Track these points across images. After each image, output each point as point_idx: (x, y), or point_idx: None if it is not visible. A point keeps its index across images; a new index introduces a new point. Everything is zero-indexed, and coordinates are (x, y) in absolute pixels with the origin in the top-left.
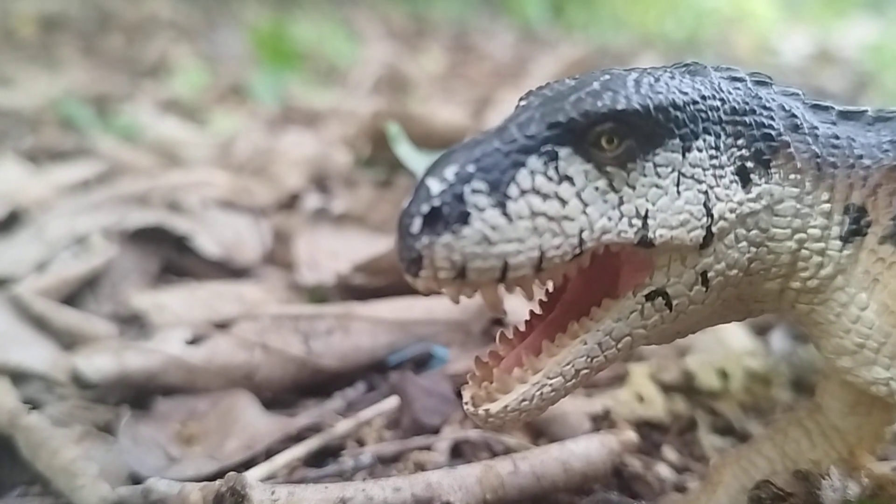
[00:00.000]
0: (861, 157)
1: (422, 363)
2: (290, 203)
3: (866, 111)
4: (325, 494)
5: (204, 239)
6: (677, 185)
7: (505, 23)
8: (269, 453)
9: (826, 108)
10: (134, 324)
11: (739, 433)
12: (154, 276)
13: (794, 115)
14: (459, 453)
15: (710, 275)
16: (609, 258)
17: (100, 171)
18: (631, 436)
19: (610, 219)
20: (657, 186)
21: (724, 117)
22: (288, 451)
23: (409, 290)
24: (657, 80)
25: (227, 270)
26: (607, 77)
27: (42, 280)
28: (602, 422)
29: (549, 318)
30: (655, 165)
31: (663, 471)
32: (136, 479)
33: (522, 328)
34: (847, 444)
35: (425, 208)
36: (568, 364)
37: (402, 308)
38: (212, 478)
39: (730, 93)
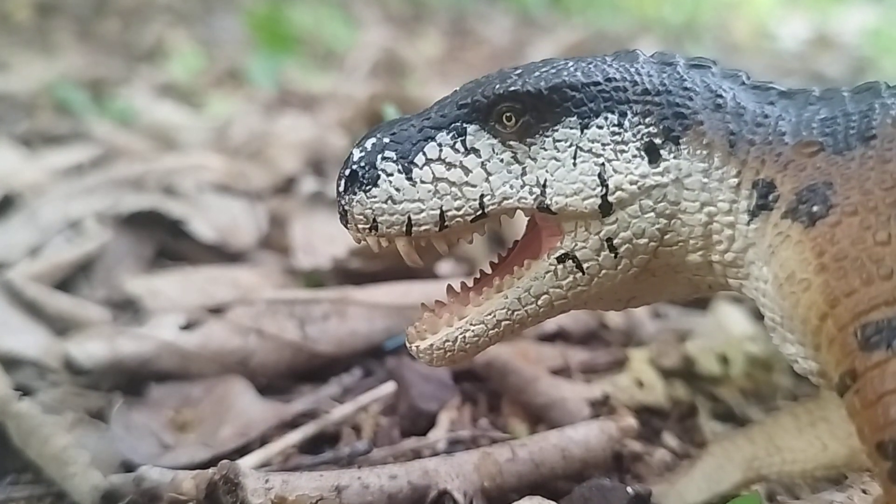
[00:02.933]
0: (784, 134)
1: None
2: (286, 187)
3: (812, 91)
4: (320, 482)
5: (199, 223)
6: (574, 157)
7: (503, 7)
8: (263, 440)
9: (767, 89)
10: (128, 309)
11: (740, 419)
12: (148, 261)
13: (719, 96)
14: (457, 440)
15: (615, 241)
16: (537, 228)
17: (94, 156)
18: (631, 422)
19: (511, 187)
20: (556, 159)
21: (632, 97)
22: (283, 438)
23: (406, 275)
24: (571, 65)
25: (223, 255)
26: (533, 65)
27: (35, 265)
28: (601, 408)
29: (486, 277)
30: (554, 140)
31: (663, 456)
32: (128, 467)
33: (470, 284)
34: (834, 436)
35: (347, 171)
36: (490, 314)
37: (398, 293)
38: (206, 465)
39: (649, 75)
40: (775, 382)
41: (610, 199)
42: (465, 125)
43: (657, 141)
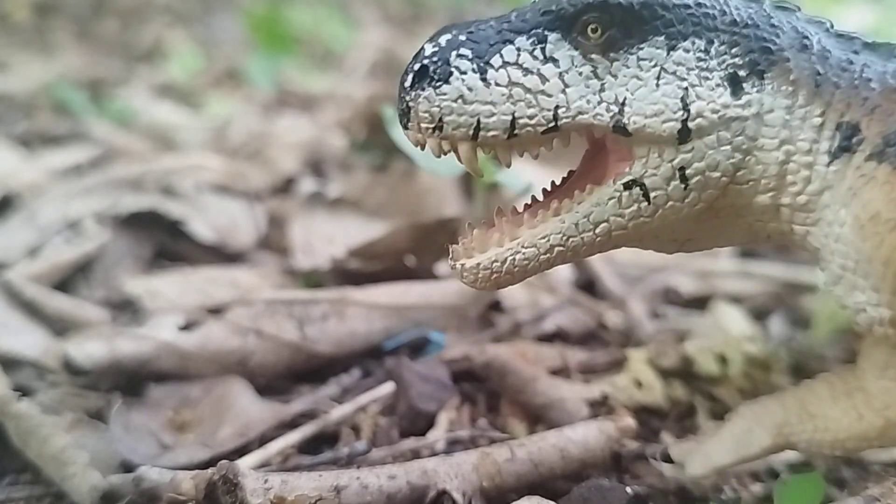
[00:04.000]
0: (870, 80)
1: (418, 348)
2: (285, 187)
3: (895, 45)
4: (319, 483)
5: (198, 224)
6: (657, 78)
7: (500, 7)
8: (262, 440)
9: (851, 38)
10: (127, 309)
11: None
12: (147, 262)
13: (806, 37)
14: (456, 440)
15: (688, 172)
16: (603, 152)
17: (93, 156)
18: (629, 422)
19: (588, 101)
20: (637, 78)
21: (720, 26)
22: (282, 438)
23: (405, 275)
24: None
25: (221, 255)
26: None
27: (34, 265)
28: (600, 408)
29: (541, 202)
30: (639, 59)
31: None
32: (127, 467)
33: (521, 210)
34: (871, 407)
35: (416, 66)
36: (543, 238)
37: (397, 293)
38: (205, 465)
39: (737, 8)
40: (774, 382)
41: (690, 124)
42: (546, 32)
43: (742, 73)
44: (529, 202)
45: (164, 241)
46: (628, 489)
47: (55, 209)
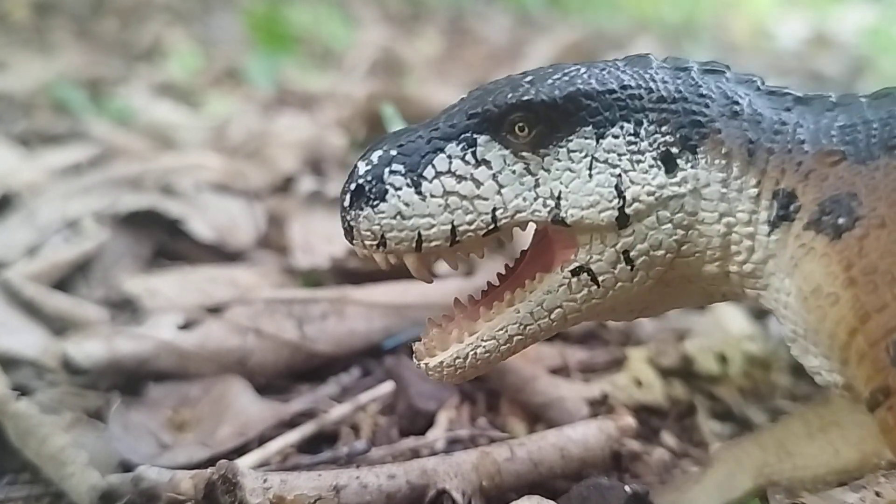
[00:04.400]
0: (803, 142)
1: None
2: (285, 186)
3: (829, 97)
4: (319, 482)
5: (197, 223)
6: (590, 168)
7: (501, 6)
8: (262, 440)
9: (783, 95)
10: (126, 309)
11: (739, 418)
12: (146, 261)
13: (735, 103)
14: (455, 439)
15: (632, 254)
16: (548, 239)
17: (92, 155)
18: (629, 421)
19: (525, 199)
20: (570, 170)
21: (647, 105)
22: (281, 438)
23: (405, 274)
24: (584, 72)
25: (221, 254)
26: (543, 71)
27: (33, 265)
28: (600, 407)
29: (495, 290)
30: (569, 151)
31: (662, 456)
32: (126, 467)
33: (478, 297)
34: (847, 441)
35: (353, 186)
36: (501, 329)
37: (397, 292)
38: (204, 465)
39: (664, 82)
40: (774, 381)
41: (627, 210)
42: (475, 136)
43: (674, 150)
44: (486, 289)
45: (163, 240)
46: (627, 488)
47: (54, 208)
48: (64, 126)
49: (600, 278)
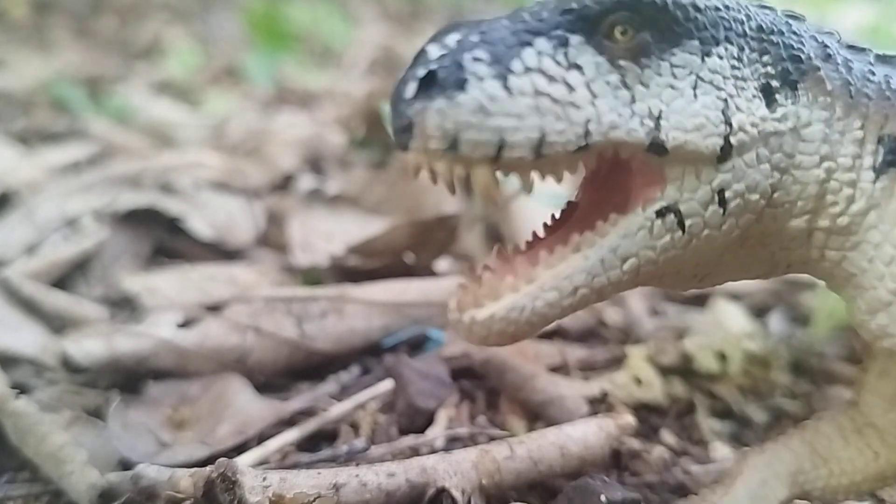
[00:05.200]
0: None
1: (417, 346)
2: (284, 184)
3: None
4: (318, 480)
5: (196, 221)
6: (694, 87)
7: (500, 4)
8: (261, 438)
9: (863, 50)
10: (125, 307)
11: (738, 416)
12: (145, 259)
13: (826, 46)
14: (455, 437)
15: (727, 194)
16: (621, 172)
17: (91, 153)
18: (629, 419)
19: (620, 115)
20: (672, 87)
21: (748, 31)
22: (281, 436)
23: (405, 272)
24: None
25: (220, 252)
26: None
27: (32, 263)
28: (600, 405)
29: (554, 234)
30: (672, 65)
31: (662, 454)
32: (126, 465)
33: (523, 248)
34: (885, 443)
35: (422, 72)
36: (566, 277)
37: (396, 290)
38: (203, 463)
39: (757, 14)
40: (773, 379)
41: (732, 140)
42: (567, 34)
43: (774, 83)
44: (531, 239)
45: (162, 238)
46: (603, 497)
47: (53, 206)
48: (63, 124)
49: (688, 222)
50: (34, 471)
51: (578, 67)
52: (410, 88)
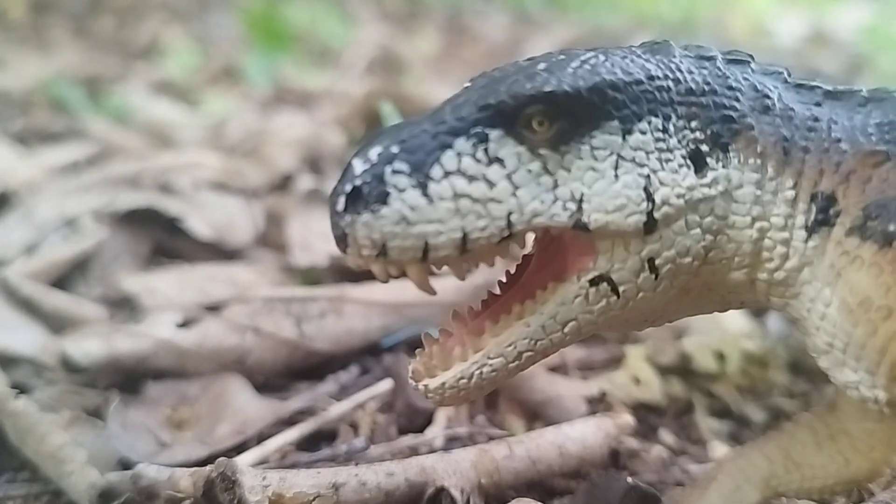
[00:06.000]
0: (839, 140)
1: (416, 346)
2: (283, 184)
3: (860, 91)
4: (318, 480)
5: (195, 221)
6: (615, 168)
7: (499, 4)
8: (260, 438)
9: (812, 88)
10: (124, 307)
11: (736, 415)
12: (145, 259)
13: (766, 97)
14: (454, 437)
15: (658, 262)
16: (560, 242)
17: (90, 153)
18: (627, 419)
19: (542, 202)
20: (594, 169)
21: (676, 98)
22: (280, 436)
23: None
24: (605, 60)
25: (219, 252)
26: (556, 58)
27: (31, 263)
28: (598, 404)
29: (499, 300)
30: (592, 148)
31: (660, 453)
32: (125, 465)
33: (477, 308)
34: (857, 450)
35: (348, 187)
36: (510, 345)
37: (395, 290)
38: (203, 463)
39: (689, 73)
40: (771, 379)
41: (656, 215)
42: (486, 130)
43: (704, 148)
44: (486, 299)
45: (161, 238)
46: (630, 479)
47: (52, 206)
48: (62, 124)
49: (621, 288)
50: (34, 470)
51: (499, 161)
52: (340, 203)
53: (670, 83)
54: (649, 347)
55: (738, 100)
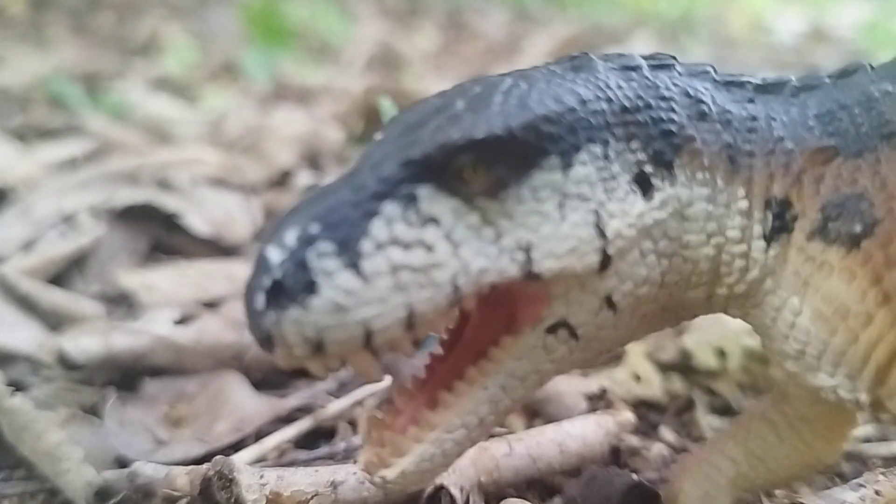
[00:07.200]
0: (782, 139)
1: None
2: (282, 181)
3: (788, 81)
4: (316, 478)
5: (194, 217)
6: (560, 207)
7: (498, 1)
8: (258, 435)
9: (741, 84)
10: (122, 304)
11: (737, 412)
12: (143, 255)
13: (700, 101)
14: None
15: (615, 297)
16: (504, 291)
17: (89, 150)
18: (628, 416)
19: (487, 257)
20: (537, 213)
21: (611, 120)
22: (278, 433)
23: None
24: (529, 88)
25: (217, 249)
26: (474, 91)
27: (28, 259)
28: (598, 402)
29: (447, 364)
30: (532, 189)
31: (661, 451)
32: (122, 463)
33: (422, 375)
34: (817, 434)
35: (266, 281)
36: (469, 413)
37: None
38: (200, 461)
39: (619, 88)
40: (772, 376)
41: (609, 250)
42: (414, 189)
43: (648, 169)
44: (428, 366)
45: (159, 234)
46: (635, 476)
47: (50, 203)
48: (60, 120)
49: (580, 331)
50: (30, 468)
51: (433, 220)
52: (259, 300)
53: (603, 104)
54: (649, 344)
55: (673, 110)
